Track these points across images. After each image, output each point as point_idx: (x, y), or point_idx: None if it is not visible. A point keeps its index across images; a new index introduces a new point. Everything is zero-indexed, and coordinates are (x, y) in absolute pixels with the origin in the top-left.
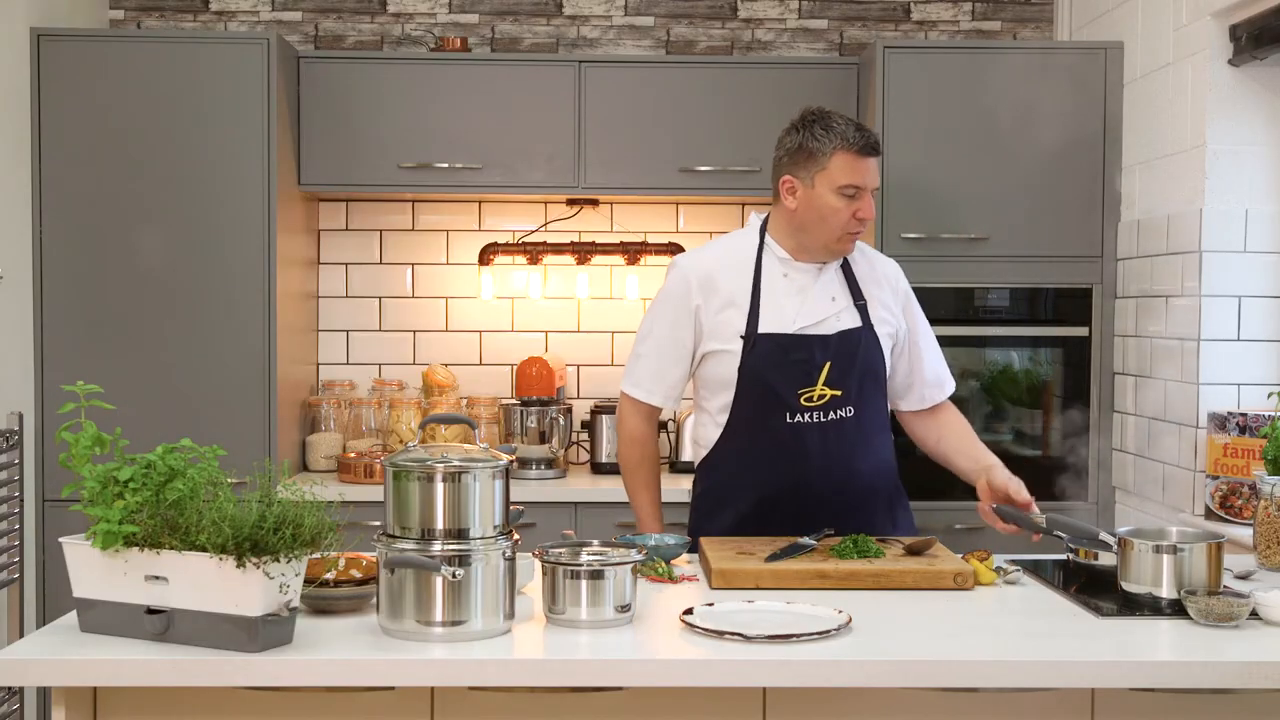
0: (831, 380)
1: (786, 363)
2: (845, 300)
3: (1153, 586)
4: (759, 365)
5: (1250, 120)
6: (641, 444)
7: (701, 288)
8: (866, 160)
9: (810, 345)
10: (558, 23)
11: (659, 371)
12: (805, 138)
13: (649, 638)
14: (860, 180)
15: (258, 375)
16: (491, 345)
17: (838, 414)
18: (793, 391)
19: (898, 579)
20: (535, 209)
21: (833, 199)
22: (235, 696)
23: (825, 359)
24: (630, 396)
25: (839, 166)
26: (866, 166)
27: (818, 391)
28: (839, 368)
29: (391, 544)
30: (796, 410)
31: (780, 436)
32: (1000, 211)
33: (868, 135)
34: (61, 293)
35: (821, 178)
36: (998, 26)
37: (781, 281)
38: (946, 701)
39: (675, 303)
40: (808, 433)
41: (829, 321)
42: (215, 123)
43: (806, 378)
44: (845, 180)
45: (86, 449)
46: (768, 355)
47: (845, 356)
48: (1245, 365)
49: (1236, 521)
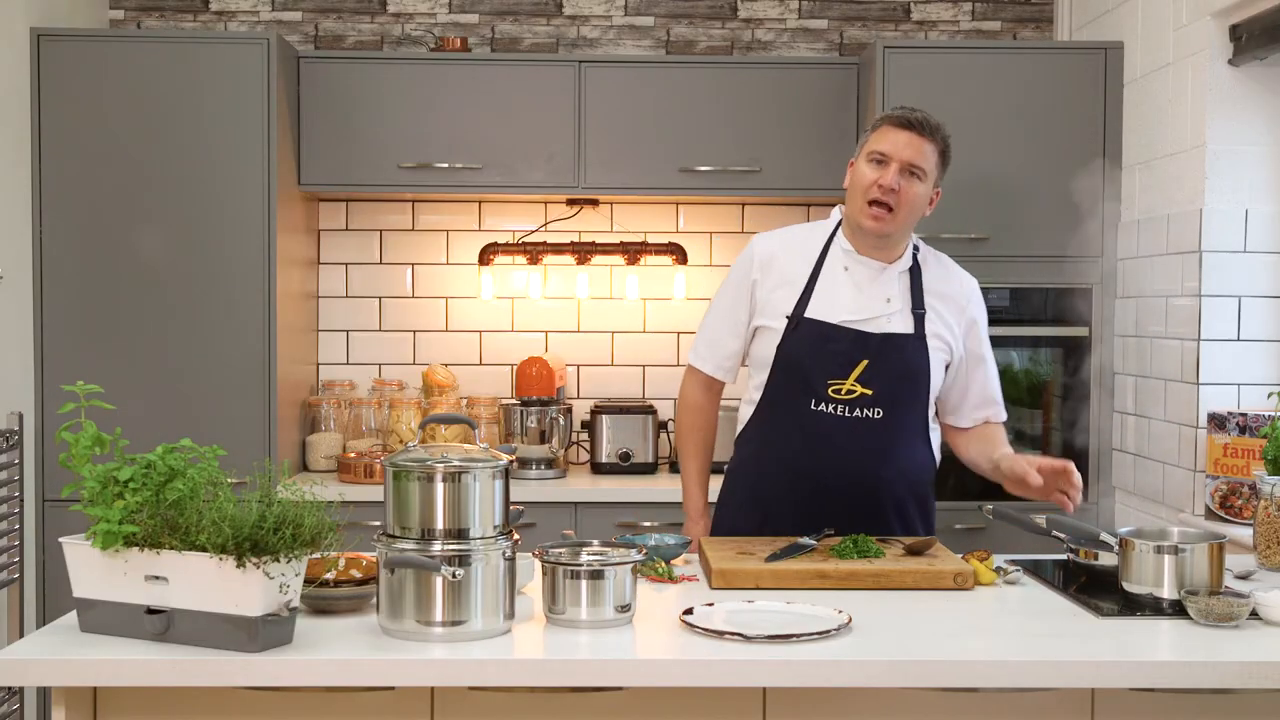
0: (864, 378)
1: (823, 351)
2: (902, 304)
3: (1154, 587)
4: (796, 347)
5: (1250, 120)
6: (694, 411)
7: (763, 265)
8: (900, 131)
9: (850, 339)
10: (558, 23)
11: (715, 341)
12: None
13: (649, 638)
14: (887, 147)
15: (258, 375)
16: (491, 345)
17: (864, 413)
18: (823, 380)
19: (898, 579)
20: (535, 209)
21: (863, 166)
22: (235, 696)
23: (863, 356)
24: (690, 365)
25: (876, 135)
26: (897, 136)
27: (847, 386)
28: (875, 368)
29: (391, 544)
30: (823, 399)
31: (803, 421)
32: (1000, 211)
33: (911, 111)
34: (61, 293)
35: (863, 150)
36: (998, 26)
37: (841, 273)
38: (946, 701)
39: (737, 276)
40: (830, 424)
41: (878, 321)
42: (215, 123)
43: (840, 369)
44: (874, 146)
45: (86, 449)
46: (807, 339)
47: (885, 359)
48: (1245, 365)
49: (1236, 521)
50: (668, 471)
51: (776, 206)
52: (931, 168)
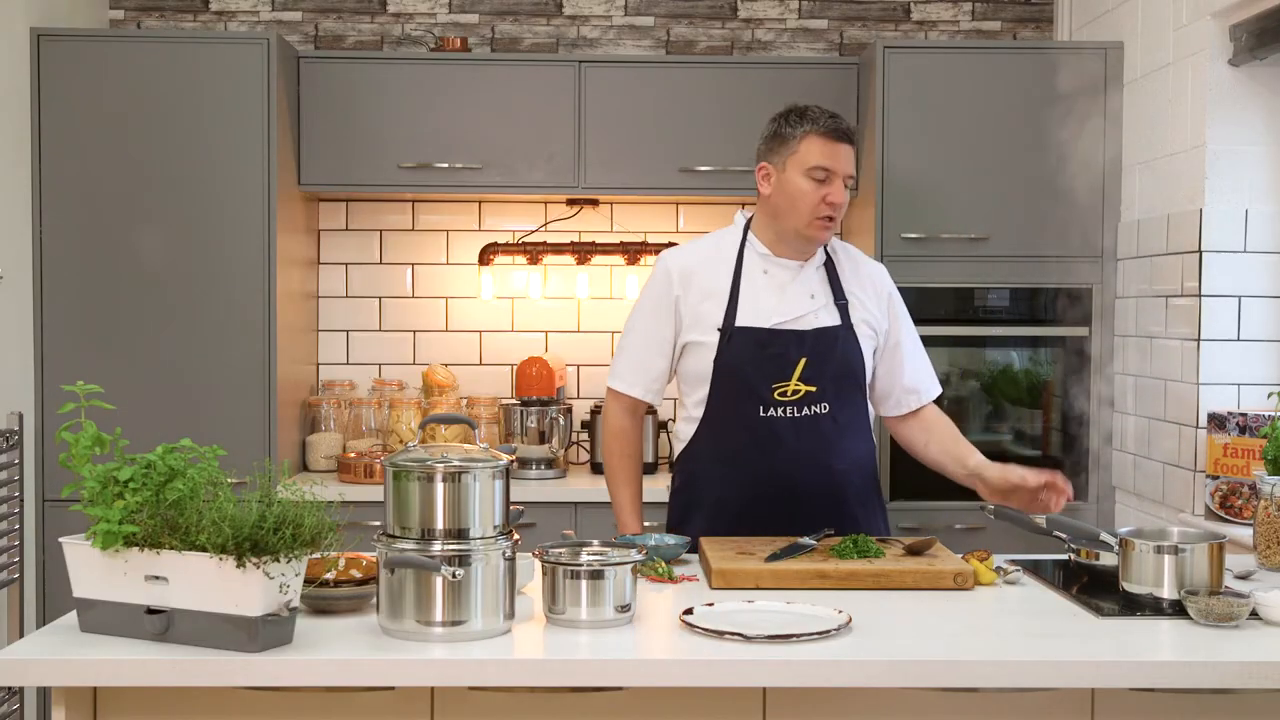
0: (806, 376)
1: (762, 357)
2: (825, 298)
3: (1154, 587)
4: (734, 358)
5: (1250, 120)
6: (622, 438)
7: (682, 280)
8: (836, 144)
9: (786, 340)
10: (558, 23)
11: (640, 363)
12: (780, 124)
13: (649, 638)
14: (828, 162)
15: (258, 375)
16: (491, 345)
17: (812, 410)
18: (767, 385)
19: (898, 579)
20: (535, 209)
21: (802, 182)
22: (235, 696)
23: (801, 354)
24: (613, 390)
25: (808, 149)
26: (836, 150)
27: (792, 386)
28: (815, 364)
29: (391, 544)
30: (770, 404)
31: (754, 430)
32: (1000, 211)
33: (839, 121)
34: (61, 293)
35: (793, 161)
36: (998, 26)
37: (761, 277)
38: (946, 701)
39: (657, 295)
40: (781, 427)
41: (807, 318)
42: (215, 123)
43: (781, 372)
44: (814, 162)
45: (86, 449)
46: (743, 348)
47: (821, 353)
48: (1245, 365)
49: (1236, 521)
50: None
51: None
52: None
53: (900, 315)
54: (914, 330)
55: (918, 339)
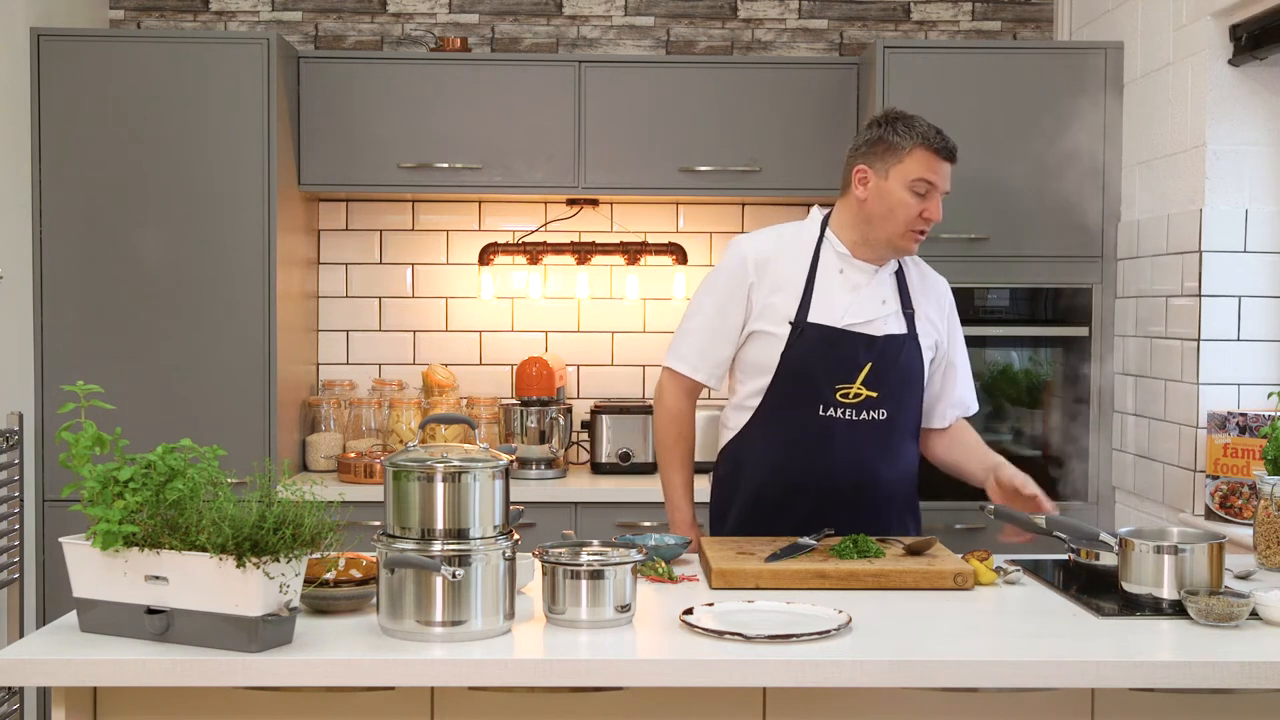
0: (870, 381)
1: (830, 356)
2: (895, 306)
3: (1153, 587)
4: (802, 354)
5: (1250, 120)
6: (679, 421)
7: (758, 268)
8: (943, 162)
9: (855, 343)
10: (558, 23)
11: (707, 347)
12: (887, 131)
13: (649, 638)
14: (934, 178)
15: (258, 375)
16: (491, 345)
17: (870, 415)
18: (830, 386)
19: (898, 579)
20: (535, 209)
21: (904, 193)
22: (235, 696)
23: (868, 359)
24: (674, 371)
25: (916, 161)
26: (942, 167)
27: (854, 390)
28: (879, 370)
29: (391, 544)
30: (831, 405)
31: (809, 428)
32: (1000, 211)
33: (948, 140)
34: (61, 293)
35: (897, 170)
36: (998, 26)
37: (836, 276)
38: (946, 701)
39: (730, 280)
40: (837, 429)
41: (877, 323)
42: (215, 123)
43: (846, 374)
44: (919, 174)
45: (86, 449)
46: (813, 345)
47: (887, 360)
48: (1245, 365)
49: (1236, 521)
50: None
51: (776, 206)
52: None
53: (956, 330)
54: (964, 346)
55: (967, 355)
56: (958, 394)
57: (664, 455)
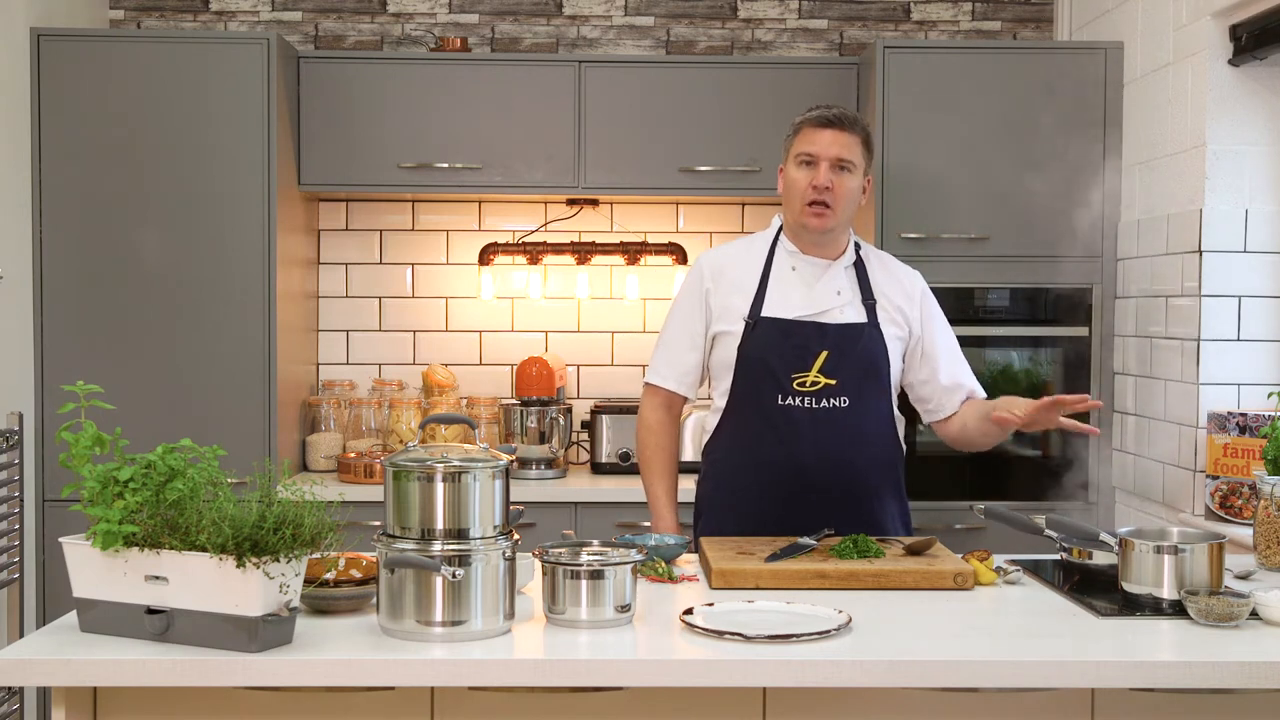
0: (827, 369)
1: (784, 345)
2: (852, 296)
3: (1153, 587)
4: (757, 345)
5: (1250, 120)
6: (656, 432)
7: (714, 275)
8: (821, 130)
9: (809, 331)
10: (558, 23)
11: (673, 358)
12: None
13: (649, 638)
14: (813, 148)
15: (258, 375)
16: (491, 345)
17: (831, 403)
18: (786, 374)
19: (898, 579)
20: (535, 209)
21: (794, 171)
22: (235, 696)
23: (823, 347)
24: (649, 385)
25: (800, 138)
26: (820, 136)
27: (811, 377)
28: (836, 358)
29: (391, 544)
30: (789, 393)
31: (772, 417)
32: (1000, 211)
33: (829, 108)
34: (61, 293)
35: (790, 155)
36: (998, 26)
37: (790, 274)
38: (946, 701)
39: (689, 291)
40: (799, 416)
41: (832, 313)
42: (215, 123)
43: (801, 362)
44: (801, 149)
45: (86, 449)
46: (767, 336)
47: (844, 348)
48: (1245, 365)
49: (1236, 521)
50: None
51: (776, 206)
52: (859, 159)
53: (934, 316)
54: (950, 332)
55: (954, 341)
56: (945, 378)
57: (644, 466)
